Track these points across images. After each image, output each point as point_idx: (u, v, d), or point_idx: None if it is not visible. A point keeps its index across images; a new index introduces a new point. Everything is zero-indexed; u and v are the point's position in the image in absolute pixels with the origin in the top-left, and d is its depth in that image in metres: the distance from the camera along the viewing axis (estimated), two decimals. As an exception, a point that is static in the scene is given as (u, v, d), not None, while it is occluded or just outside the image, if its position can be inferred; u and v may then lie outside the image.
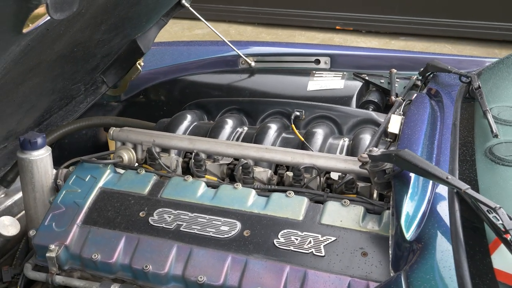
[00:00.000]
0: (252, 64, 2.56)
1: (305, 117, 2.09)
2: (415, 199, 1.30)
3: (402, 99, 2.02)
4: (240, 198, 1.57)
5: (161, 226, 1.53)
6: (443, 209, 1.26)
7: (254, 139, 1.93)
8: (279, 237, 1.45)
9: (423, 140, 1.54)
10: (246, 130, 2.04)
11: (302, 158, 1.69)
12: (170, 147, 1.87)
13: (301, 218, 1.48)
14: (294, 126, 2.02)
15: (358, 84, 2.36)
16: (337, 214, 1.48)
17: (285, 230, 1.46)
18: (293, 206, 1.52)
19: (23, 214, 1.86)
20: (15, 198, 1.94)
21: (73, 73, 1.92)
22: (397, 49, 4.32)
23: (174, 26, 6.75)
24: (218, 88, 2.54)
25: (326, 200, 1.55)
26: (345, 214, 1.47)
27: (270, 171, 1.76)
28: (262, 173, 1.74)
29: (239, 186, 1.61)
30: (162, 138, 1.86)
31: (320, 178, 1.68)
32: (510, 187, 1.31)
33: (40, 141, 1.71)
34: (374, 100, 2.27)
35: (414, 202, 1.29)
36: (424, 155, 1.47)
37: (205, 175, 1.78)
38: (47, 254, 1.53)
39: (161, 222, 1.54)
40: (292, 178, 1.69)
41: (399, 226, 1.24)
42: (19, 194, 1.92)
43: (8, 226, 1.76)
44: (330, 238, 1.42)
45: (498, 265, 1.07)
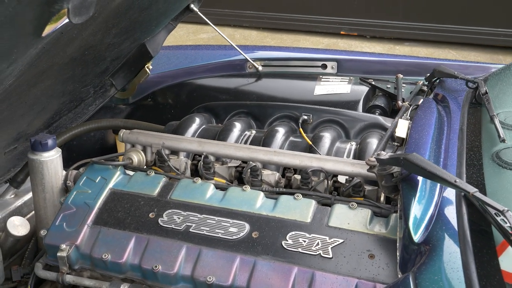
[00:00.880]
0: (259, 68, 2.58)
1: (312, 121, 2.11)
2: (423, 202, 1.32)
3: (408, 104, 2.04)
4: (248, 200, 1.58)
5: (170, 227, 1.55)
6: (451, 212, 1.27)
7: (262, 142, 1.95)
8: (287, 238, 1.46)
9: (431, 144, 1.56)
10: (254, 133, 2.05)
11: (310, 161, 1.71)
12: (179, 150, 1.89)
13: (309, 220, 1.50)
14: (301, 129, 2.04)
15: (364, 89, 2.37)
16: (344, 216, 1.49)
17: (293, 232, 1.47)
18: (301, 208, 1.53)
19: (33, 214, 1.88)
20: (25, 198, 1.96)
21: (83, 75, 1.94)
22: (402, 54, 4.34)
23: (180, 30, 6.79)
24: (225, 92, 2.56)
25: (333, 203, 1.56)
26: (352, 217, 1.49)
27: (278, 174, 1.78)
28: (270, 175, 1.76)
29: (248, 188, 1.63)
30: (171, 140, 1.88)
31: (327, 181, 1.70)
32: (517, 191, 1.32)
33: (50, 142, 1.73)
34: (381, 105, 2.28)
35: (422, 205, 1.31)
36: (431, 159, 1.49)
37: (213, 177, 1.81)
38: (58, 254, 1.55)
39: (170, 223, 1.56)
40: (300, 181, 1.70)
41: (407, 228, 1.26)
42: (29, 195, 1.94)
43: (18, 226, 1.78)
44: (338, 240, 1.43)
45: (505, 266, 1.09)
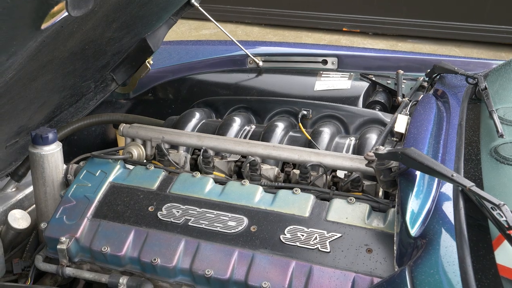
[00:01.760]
0: (260, 63, 2.58)
1: (312, 116, 2.11)
2: (420, 197, 1.32)
3: (408, 100, 2.04)
4: (247, 194, 1.59)
5: (169, 220, 1.56)
6: (448, 206, 1.27)
7: (261, 137, 1.95)
8: (286, 233, 1.47)
9: (429, 139, 1.56)
10: (253, 128, 2.06)
11: (309, 156, 1.71)
12: (179, 144, 1.90)
13: (307, 215, 1.50)
14: (301, 125, 2.04)
15: (365, 84, 2.37)
16: (342, 211, 1.50)
17: (291, 226, 1.48)
18: (299, 203, 1.54)
19: (34, 207, 1.89)
20: (26, 192, 1.97)
21: (84, 70, 1.94)
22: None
23: (181, 26, 6.79)
24: (226, 87, 2.56)
25: (332, 197, 1.57)
26: (350, 212, 1.49)
27: (277, 169, 1.78)
28: (269, 170, 1.76)
29: (247, 182, 1.63)
30: (171, 135, 1.89)
31: (326, 176, 1.70)
32: (514, 186, 1.32)
33: (51, 136, 1.74)
34: (381, 100, 2.28)
35: (419, 200, 1.31)
36: (430, 154, 1.49)
37: (213, 172, 1.81)
38: (58, 246, 1.56)
39: (169, 217, 1.57)
40: (298, 176, 1.71)
41: (404, 222, 1.26)
42: (30, 188, 1.95)
43: (19, 219, 1.79)
44: (336, 235, 1.44)
45: (501, 260, 1.09)
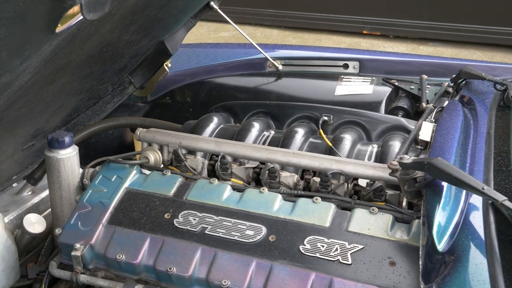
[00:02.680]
0: (279, 67, 2.54)
1: (333, 122, 2.06)
2: (448, 209, 1.27)
3: (433, 106, 1.98)
4: (266, 202, 1.55)
5: (186, 228, 1.52)
6: (477, 220, 1.22)
7: (281, 143, 1.91)
8: (305, 243, 1.42)
9: (456, 148, 1.51)
10: (272, 134, 2.02)
11: (329, 163, 1.66)
12: (196, 149, 1.86)
13: (327, 225, 1.45)
14: (321, 131, 2.00)
15: (387, 89, 2.32)
16: (364, 221, 1.44)
17: (311, 237, 1.43)
18: (319, 212, 1.49)
19: (49, 212, 1.87)
20: (42, 196, 1.96)
21: (101, 73, 1.93)
22: (426, 55, 4.26)
23: (200, 28, 6.80)
24: (244, 91, 2.53)
25: (353, 207, 1.51)
26: (373, 222, 1.44)
27: (296, 176, 1.74)
28: (288, 177, 1.72)
29: (265, 190, 1.59)
30: (188, 140, 1.86)
31: (347, 185, 1.65)
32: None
33: (67, 140, 1.72)
34: (404, 106, 2.22)
35: (447, 212, 1.26)
36: (457, 164, 1.44)
37: (231, 178, 1.77)
38: (72, 253, 1.54)
39: (186, 225, 1.53)
40: (319, 184, 1.66)
41: (431, 236, 1.21)
42: (46, 192, 1.94)
43: (34, 224, 1.77)
44: (357, 246, 1.39)
45: (536, 281, 1.04)
